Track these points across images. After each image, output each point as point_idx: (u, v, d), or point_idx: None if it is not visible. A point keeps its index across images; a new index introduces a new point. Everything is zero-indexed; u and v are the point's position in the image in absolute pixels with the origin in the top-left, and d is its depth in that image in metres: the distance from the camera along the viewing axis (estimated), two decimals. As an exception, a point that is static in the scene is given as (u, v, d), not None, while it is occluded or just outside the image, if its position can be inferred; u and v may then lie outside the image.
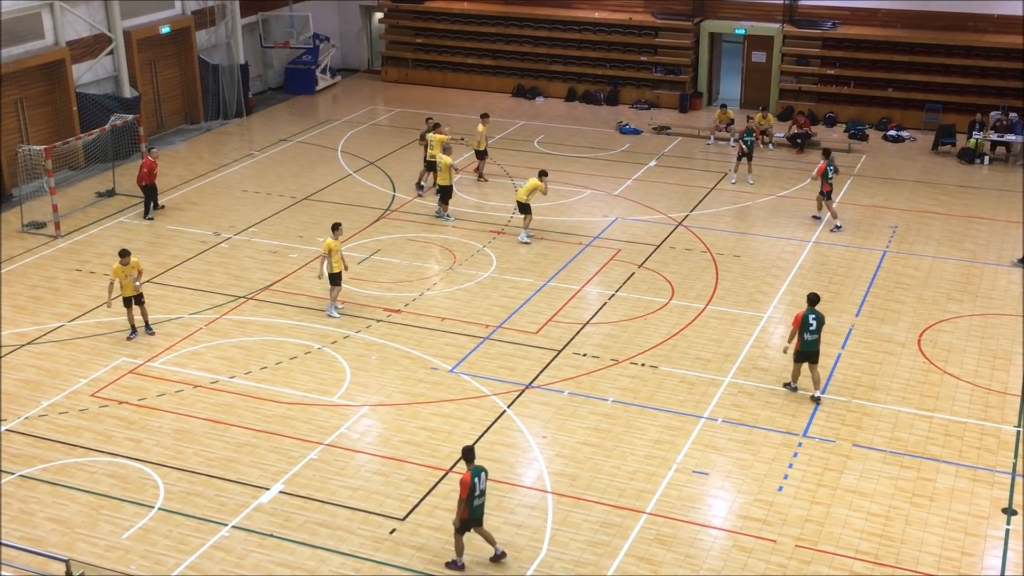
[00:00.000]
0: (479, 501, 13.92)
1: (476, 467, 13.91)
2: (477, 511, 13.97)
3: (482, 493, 13.92)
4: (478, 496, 13.86)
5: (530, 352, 19.81)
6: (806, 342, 17.95)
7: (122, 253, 20.06)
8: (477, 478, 13.82)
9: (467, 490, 13.68)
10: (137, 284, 20.05)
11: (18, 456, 16.64)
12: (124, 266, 19.91)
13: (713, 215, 26.54)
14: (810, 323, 17.91)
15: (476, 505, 13.90)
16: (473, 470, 13.84)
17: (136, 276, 20.00)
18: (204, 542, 14.69)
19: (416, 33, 39.34)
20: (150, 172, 25.89)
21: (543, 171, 25.11)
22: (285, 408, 17.99)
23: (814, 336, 17.92)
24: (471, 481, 13.70)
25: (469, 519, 13.93)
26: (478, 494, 13.85)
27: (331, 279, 20.97)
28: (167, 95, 33.77)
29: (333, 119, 34.99)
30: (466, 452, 14.06)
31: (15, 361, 19.53)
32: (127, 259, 19.92)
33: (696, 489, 15.89)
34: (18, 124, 28.45)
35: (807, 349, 18.01)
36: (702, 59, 36.36)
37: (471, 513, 13.88)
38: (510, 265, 23.52)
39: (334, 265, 20.87)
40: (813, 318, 17.94)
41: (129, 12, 31.40)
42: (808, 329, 17.89)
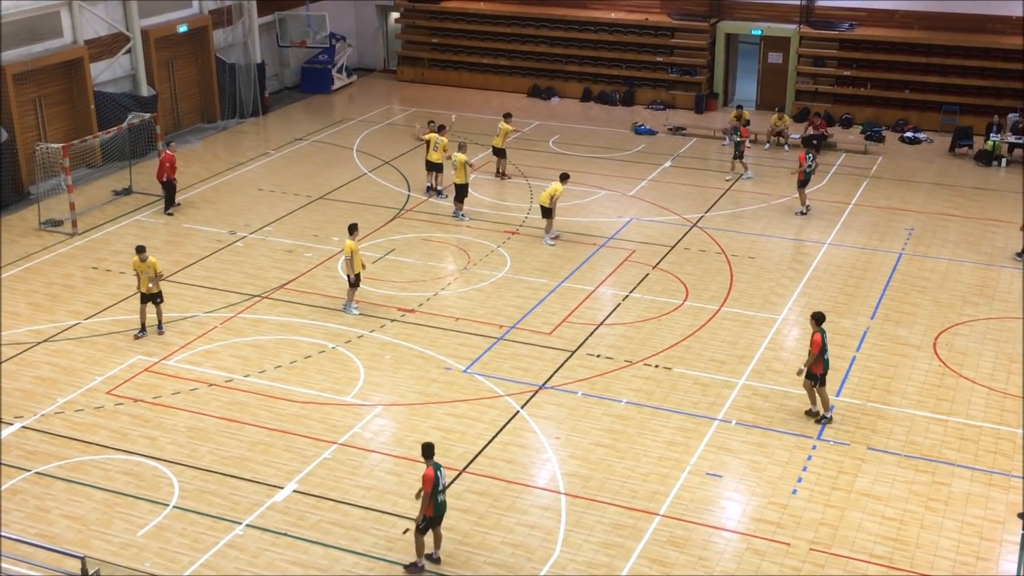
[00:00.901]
0: (442, 497, 14.01)
1: (435, 463, 13.99)
2: (441, 507, 14.06)
3: (444, 489, 14.04)
4: (441, 492, 13.95)
5: (544, 353, 19.81)
6: (827, 362, 17.41)
7: (138, 249, 20.15)
8: (439, 472, 13.91)
9: (431, 485, 13.73)
10: (151, 284, 20.08)
11: (34, 453, 16.73)
12: (142, 262, 20.00)
13: (728, 216, 26.48)
14: (826, 344, 17.32)
15: (440, 501, 13.98)
16: (433, 465, 13.93)
17: (152, 275, 20.05)
18: (218, 540, 14.74)
19: (432, 33, 39.38)
20: (172, 166, 26.05)
21: (565, 174, 25.12)
22: (299, 407, 18.04)
23: (827, 355, 17.41)
24: (434, 475, 13.79)
25: (434, 516, 13.99)
26: (440, 489, 13.94)
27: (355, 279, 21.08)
28: (184, 94, 33.90)
29: (349, 118, 35.06)
30: (426, 448, 14.06)
31: (32, 358, 19.63)
32: (144, 255, 20.01)
33: (709, 491, 15.87)
34: (36, 122, 28.61)
35: (827, 369, 17.48)
36: (718, 60, 36.28)
37: (436, 509, 13.95)
38: (524, 265, 23.52)
39: (357, 265, 20.93)
40: (826, 339, 17.36)
41: (147, 11, 31.53)
42: (826, 349, 17.32)
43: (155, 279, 20.09)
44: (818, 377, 17.31)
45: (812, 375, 17.38)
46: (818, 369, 17.28)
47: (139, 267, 20.04)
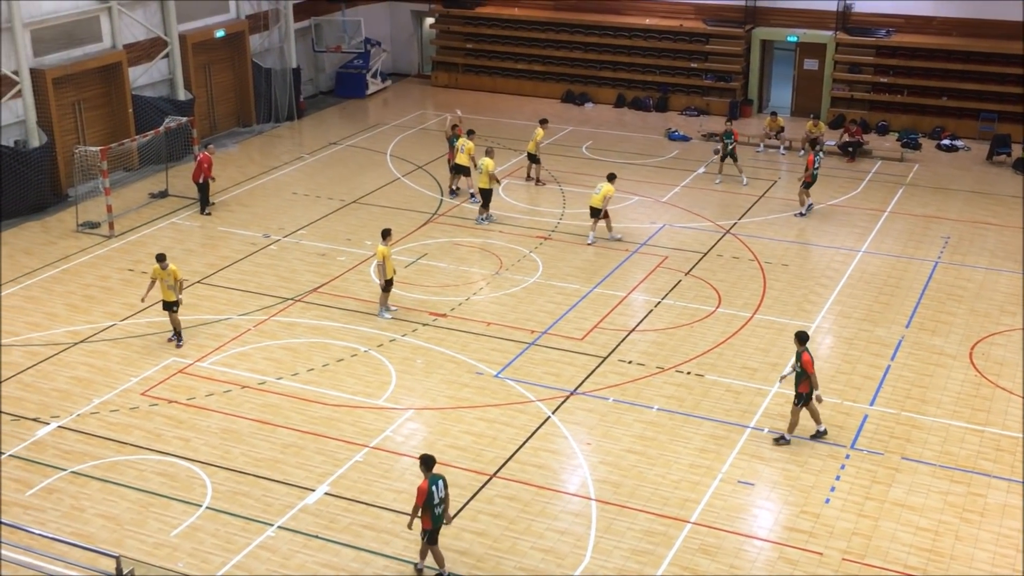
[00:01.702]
0: (439, 509, 13.85)
1: (434, 476, 13.85)
2: (439, 520, 13.91)
3: (442, 501, 13.85)
4: (437, 504, 13.80)
5: (575, 358, 19.80)
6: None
7: (159, 257, 20.20)
8: (435, 486, 13.75)
9: (423, 497, 13.63)
10: (179, 296, 20.18)
11: (70, 453, 16.91)
12: (163, 270, 20.09)
13: (761, 223, 26.36)
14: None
15: (437, 514, 13.84)
16: (431, 478, 13.78)
17: (172, 283, 20.15)
18: (250, 541, 14.84)
19: (466, 38, 39.48)
20: (209, 167, 26.29)
21: (612, 174, 25.31)
22: (331, 410, 18.12)
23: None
24: (428, 489, 13.65)
25: (434, 528, 13.88)
26: (437, 502, 13.78)
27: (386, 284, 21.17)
28: (220, 98, 34.19)
29: (383, 123, 35.21)
30: (424, 460, 13.91)
31: (68, 359, 19.85)
32: (164, 264, 20.10)
33: (741, 499, 15.79)
34: (75, 125, 28.95)
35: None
36: (753, 66, 36.14)
37: (434, 522, 13.84)
38: (557, 271, 23.52)
39: (389, 271, 21.00)
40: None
41: (185, 16, 31.85)
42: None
43: (175, 287, 20.18)
44: (803, 397, 16.90)
45: (799, 395, 16.92)
46: (804, 388, 16.87)
47: (159, 275, 20.13)
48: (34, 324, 21.17)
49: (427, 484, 13.70)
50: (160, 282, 20.11)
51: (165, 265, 20.07)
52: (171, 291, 20.11)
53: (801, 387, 16.86)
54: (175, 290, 20.15)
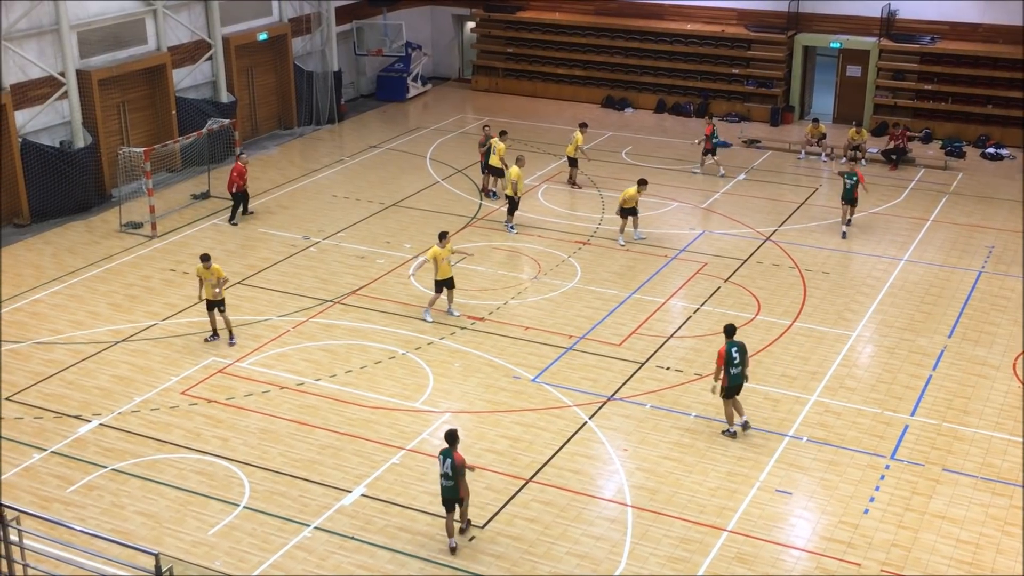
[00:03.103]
0: (446, 483, 14.48)
1: (446, 451, 14.51)
2: (444, 491, 14.57)
3: (447, 476, 14.44)
4: (443, 477, 14.48)
5: (613, 364, 19.75)
6: (733, 376, 17.04)
7: (203, 257, 20.44)
8: (441, 457, 14.50)
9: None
10: (216, 291, 20.33)
11: (111, 450, 17.09)
12: (206, 270, 20.30)
13: (802, 231, 26.17)
14: (733, 356, 16.97)
15: (443, 485, 14.52)
16: (442, 451, 14.54)
17: (215, 283, 20.32)
18: (287, 542, 14.92)
19: (507, 43, 39.54)
20: (240, 176, 26.37)
21: (643, 179, 25.22)
22: (368, 412, 18.19)
23: (739, 369, 17.05)
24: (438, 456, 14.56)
25: (442, 499, 14.66)
26: (442, 475, 14.48)
27: (435, 285, 21.19)
28: (262, 100, 34.46)
29: (423, 127, 35.33)
30: (446, 435, 14.60)
31: (110, 357, 20.07)
32: (208, 263, 20.30)
33: (779, 508, 15.67)
34: (120, 127, 29.29)
35: (735, 383, 17.14)
36: (795, 72, 35.90)
37: (441, 492, 14.64)
38: (595, 276, 23.47)
39: (440, 272, 21.01)
40: (736, 350, 17.02)
41: (228, 19, 32.14)
42: (732, 363, 16.98)
43: (219, 285, 20.37)
44: (724, 389, 17.10)
45: (723, 388, 17.13)
46: (724, 382, 17.03)
47: (203, 274, 20.33)
48: (77, 322, 21.43)
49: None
50: (204, 281, 20.30)
51: (208, 265, 20.26)
52: (213, 290, 20.30)
53: (722, 381, 17.07)
54: (220, 288, 20.33)
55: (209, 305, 20.45)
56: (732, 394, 17.26)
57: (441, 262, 20.97)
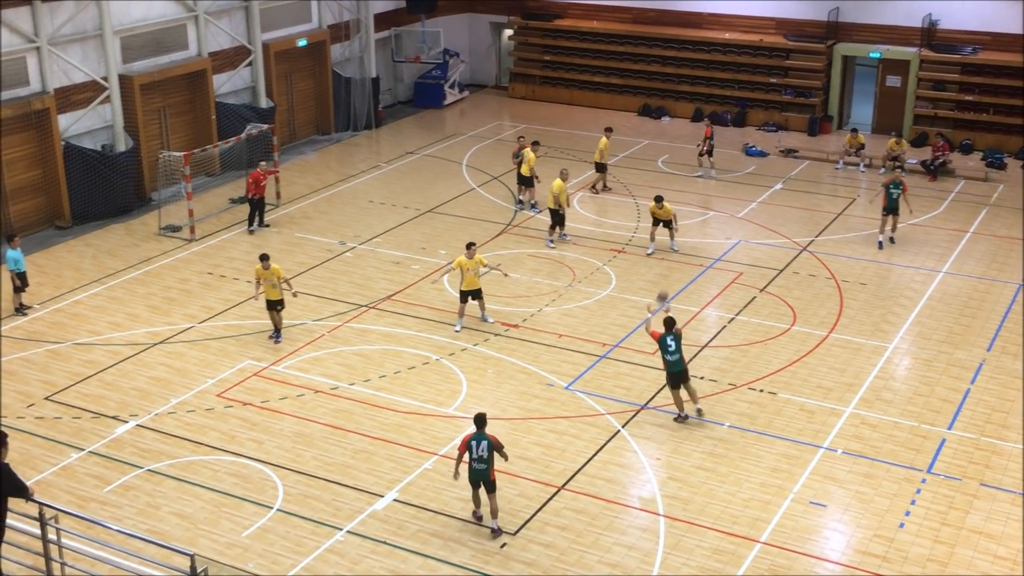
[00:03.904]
0: (479, 466, 14.94)
1: (478, 434, 14.99)
2: (475, 472, 15.03)
3: (480, 459, 14.92)
4: (476, 460, 14.93)
5: (646, 372, 19.69)
6: (671, 363, 17.75)
7: (262, 257, 20.68)
8: (475, 442, 14.91)
9: (464, 446, 15.00)
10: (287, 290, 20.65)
11: (147, 451, 17.26)
12: (265, 270, 20.49)
13: (839, 241, 25.99)
14: (668, 344, 17.70)
15: (476, 468, 14.98)
16: (475, 435, 14.98)
17: (276, 283, 20.51)
18: (319, 545, 14.99)
19: (544, 50, 39.58)
20: (256, 183, 26.12)
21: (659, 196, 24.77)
22: (402, 417, 18.25)
23: (676, 356, 17.69)
24: (468, 443, 14.97)
25: (470, 477, 15.12)
26: (475, 458, 14.92)
27: (460, 295, 21.23)
28: (300, 106, 34.71)
29: (460, 133, 35.44)
30: (475, 418, 15.20)
31: (148, 359, 20.27)
32: (266, 263, 20.51)
33: (813, 520, 15.55)
34: (160, 131, 29.61)
35: (673, 370, 17.80)
36: (834, 82, 35.67)
37: (471, 473, 15.07)
38: (630, 284, 23.43)
39: (465, 282, 21.03)
40: (671, 339, 17.73)
41: (268, 25, 32.42)
42: (667, 350, 17.70)
43: (279, 285, 20.54)
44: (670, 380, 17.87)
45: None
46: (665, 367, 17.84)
47: (262, 274, 20.54)
48: (116, 324, 21.67)
49: (468, 438, 15.03)
50: (264, 282, 20.47)
51: (267, 265, 20.47)
52: (274, 290, 20.48)
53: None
54: (280, 288, 20.50)
55: (269, 304, 20.62)
56: (674, 382, 17.83)
57: (466, 272, 20.96)
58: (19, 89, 25.64)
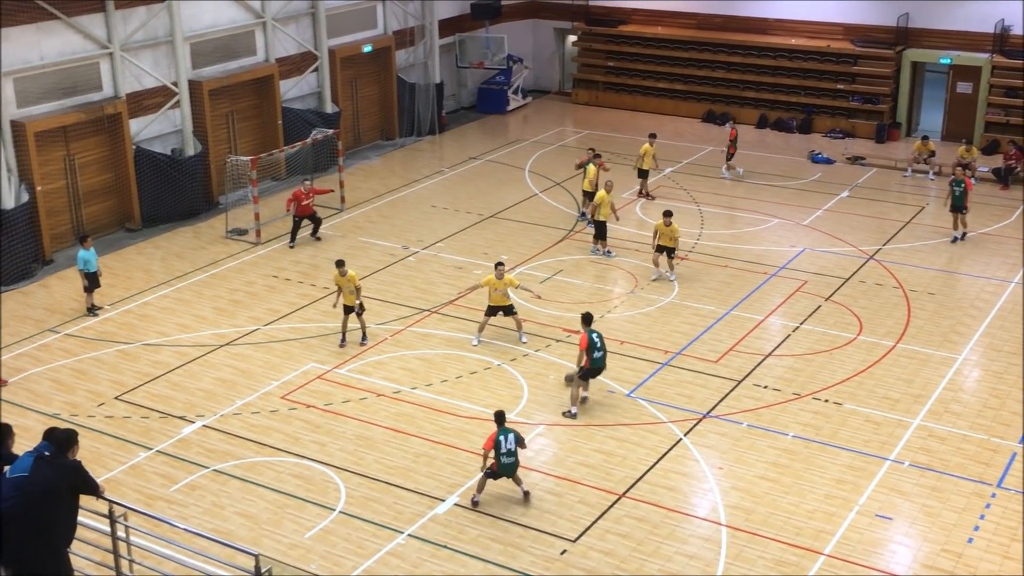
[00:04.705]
0: (508, 459, 15.59)
1: (504, 429, 15.65)
2: (505, 468, 15.70)
3: (509, 453, 15.59)
4: (505, 454, 15.57)
5: (709, 381, 19.55)
6: (595, 359, 18.38)
7: (338, 263, 20.91)
8: (503, 437, 15.56)
9: (490, 444, 15.59)
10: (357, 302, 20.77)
11: (213, 451, 17.50)
12: (341, 276, 20.70)
13: (908, 250, 25.59)
14: (595, 341, 18.33)
15: (505, 463, 15.62)
16: (501, 431, 15.61)
17: (352, 290, 20.69)
18: (381, 548, 15.08)
19: (608, 56, 39.51)
20: (296, 200, 25.90)
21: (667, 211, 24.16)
22: (463, 422, 18.31)
23: (600, 354, 18.40)
24: (496, 439, 15.56)
25: (499, 471, 15.74)
26: (504, 452, 15.56)
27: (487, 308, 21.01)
28: (365, 111, 35.01)
29: (522, 139, 35.49)
30: (496, 415, 15.94)
31: (214, 360, 20.56)
32: (343, 269, 20.73)
33: (879, 534, 15.32)
34: (228, 135, 30.05)
35: (597, 366, 18.50)
36: (902, 89, 35.16)
37: (500, 468, 15.70)
38: (693, 292, 23.28)
39: (491, 299, 20.89)
40: (596, 337, 18.39)
41: (335, 31, 32.74)
42: (595, 347, 18.31)
43: (356, 292, 20.76)
44: (583, 371, 18.37)
45: (581, 369, 18.36)
46: (587, 365, 18.29)
47: (339, 281, 20.75)
48: (183, 326, 22.01)
49: (496, 434, 15.60)
50: (342, 288, 20.72)
51: (344, 271, 20.68)
52: (351, 295, 20.69)
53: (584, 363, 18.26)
54: (356, 294, 20.75)
55: (346, 310, 20.83)
56: (589, 376, 18.52)
57: (493, 292, 20.84)
58: (92, 94, 26.20)
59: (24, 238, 24.32)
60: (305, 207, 26.10)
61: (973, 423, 18.00)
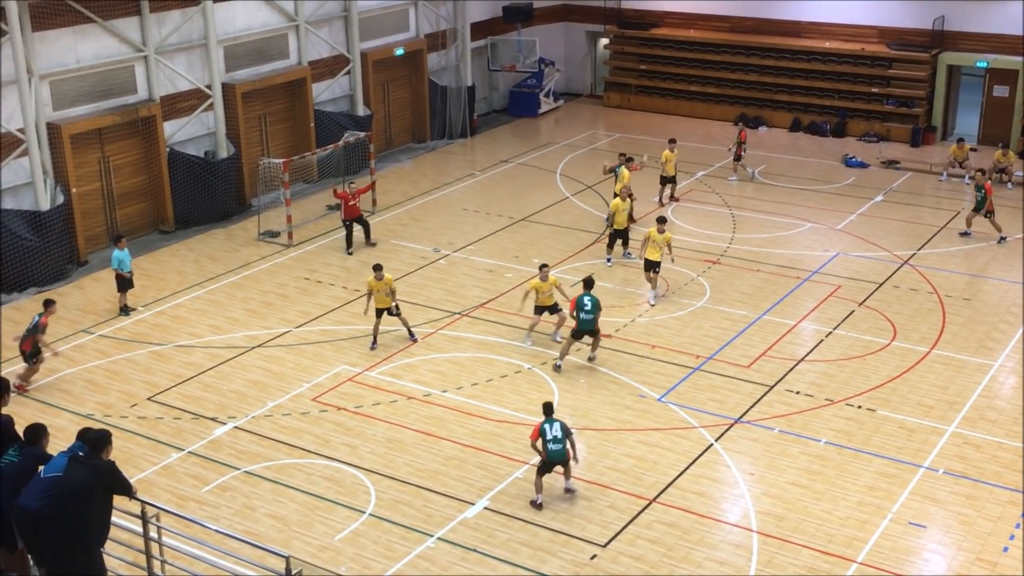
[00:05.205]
0: (555, 446, 15.73)
1: (550, 419, 15.89)
2: (553, 454, 15.78)
3: (556, 440, 15.73)
4: (551, 441, 15.72)
5: (740, 386, 19.44)
6: (583, 320, 19.44)
7: (375, 267, 21.02)
8: (548, 426, 15.77)
9: (536, 435, 15.85)
10: (393, 304, 20.89)
11: (244, 453, 17.58)
12: (378, 280, 20.76)
13: (942, 255, 25.34)
14: (584, 303, 19.44)
15: (552, 449, 15.74)
16: (547, 420, 15.87)
17: (388, 292, 20.78)
18: (410, 551, 15.09)
19: (640, 59, 39.41)
20: (344, 205, 25.82)
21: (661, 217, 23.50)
22: (493, 425, 18.29)
23: (590, 316, 19.43)
24: (541, 427, 15.81)
25: (548, 461, 15.84)
26: (551, 439, 15.71)
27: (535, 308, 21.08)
28: (397, 114, 35.10)
29: (554, 142, 35.46)
30: (544, 406, 16.22)
31: (246, 362, 20.66)
32: (380, 273, 20.82)
33: (912, 542, 15.16)
34: (260, 138, 30.22)
35: (584, 328, 19.57)
36: (938, 92, 34.82)
37: (548, 456, 15.78)
38: (724, 296, 23.16)
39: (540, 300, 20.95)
40: (588, 299, 19.47)
41: (367, 34, 32.86)
42: (583, 308, 19.43)
43: (392, 294, 20.84)
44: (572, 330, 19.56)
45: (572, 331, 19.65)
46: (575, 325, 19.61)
47: (374, 285, 20.82)
48: (215, 327, 22.14)
49: (540, 424, 15.86)
50: (378, 292, 20.81)
51: (380, 275, 20.77)
52: (387, 298, 20.82)
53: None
54: (391, 297, 20.88)
55: (379, 312, 20.92)
56: (578, 336, 19.53)
57: (541, 294, 20.83)
58: (127, 97, 26.42)
59: (60, 239, 24.56)
60: (352, 208, 26.09)
61: (1009, 431, 17.78)
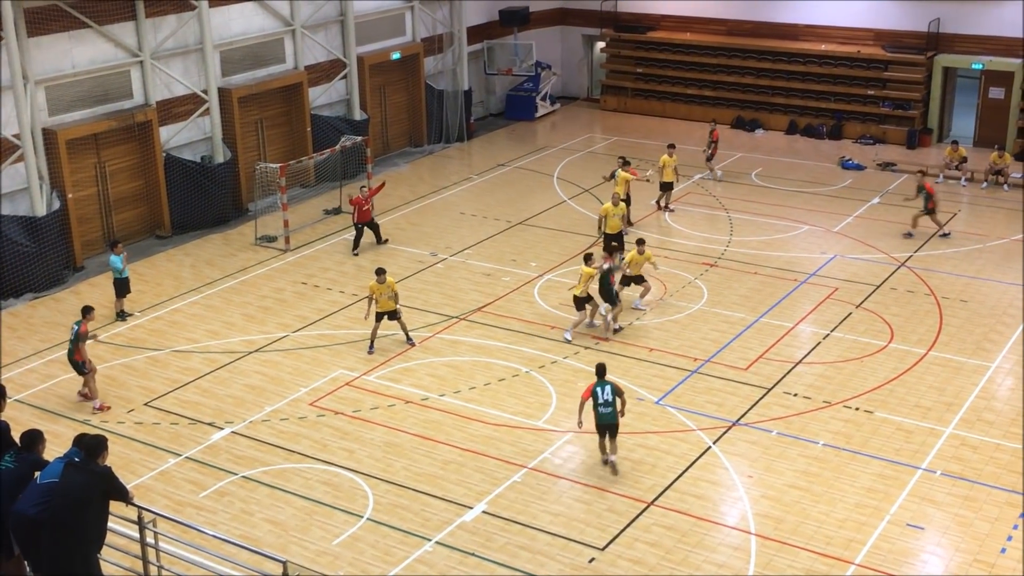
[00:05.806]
0: (605, 410, 16.36)
1: (601, 381, 16.43)
2: (604, 417, 16.44)
3: (607, 403, 16.33)
4: (602, 405, 16.33)
5: (738, 388, 19.43)
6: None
7: (378, 271, 20.98)
8: (600, 388, 16.35)
9: (588, 393, 16.48)
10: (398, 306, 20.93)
11: (241, 458, 17.55)
12: (380, 284, 20.76)
13: (939, 257, 25.35)
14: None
15: (603, 412, 16.38)
16: (598, 383, 16.41)
17: (391, 295, 20.81)
18: (408, 555, 15.07)
19: (637, 63, 39.43)
20: (359, 210, 25.98)
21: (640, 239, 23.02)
22: (491, 429, 18.28)
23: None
24: (593, 390, 16.39)
25: (599, 424, 16.51)
26: (601, 403, 16.33)
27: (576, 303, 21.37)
28: (393, 118, 35.11)
29: (551, 146, 35.47)
30: (597, 367, 16.77)
31: (243, 367, 20.64)
32: (383, 277, 20.80)
33: (910, 543, 15.15)
34: (257, 143, 30.21)
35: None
36: (934, 94, 34.86)
37: (598, 418, 16.46)
38: (722, 299, 23.16)
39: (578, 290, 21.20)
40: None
41: (363, 39, 32.87)
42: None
43: (394, 297, 20.84)
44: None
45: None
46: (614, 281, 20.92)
47: (377, 289, 20.81)
48: (212, 332, 22.12)
49: (592, 386, 16.45)
50: (381, 296, 20.82)
51: (383, 279, 20.77)
52: (390, 301, 20.82)
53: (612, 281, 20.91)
54: (395, 300, 20.89)
55: (379, 316, 20.91)
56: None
57: (586, 280, 21.05)
58: (123, 102, 26.41)
59: (56, 245, 24.54)
60: (365, 212, 26.15)
61: (1006, 432, 17.78)
